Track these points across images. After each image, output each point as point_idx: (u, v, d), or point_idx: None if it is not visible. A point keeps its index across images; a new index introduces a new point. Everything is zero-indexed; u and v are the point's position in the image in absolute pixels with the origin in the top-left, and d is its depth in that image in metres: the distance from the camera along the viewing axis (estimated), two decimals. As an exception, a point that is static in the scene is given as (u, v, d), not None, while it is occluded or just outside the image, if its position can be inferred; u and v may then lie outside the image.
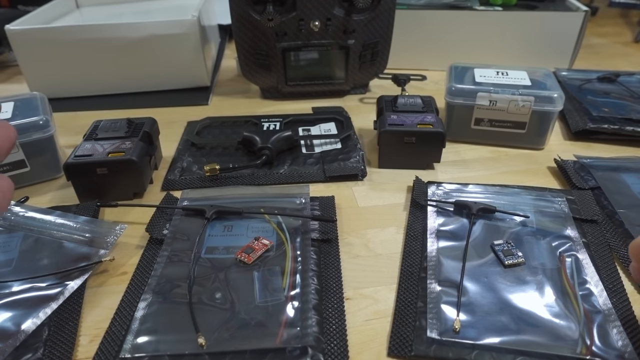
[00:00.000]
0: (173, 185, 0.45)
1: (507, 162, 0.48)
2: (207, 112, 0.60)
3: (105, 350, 0.28)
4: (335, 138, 0.51)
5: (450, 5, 0.70)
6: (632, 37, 0.91)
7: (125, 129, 0.44)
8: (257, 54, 0.59)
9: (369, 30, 0.58)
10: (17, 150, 0.42)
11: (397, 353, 0.28)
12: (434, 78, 0.70)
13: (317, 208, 0.40)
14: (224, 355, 0.27)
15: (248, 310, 0.30)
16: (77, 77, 0.63)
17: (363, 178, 0.45)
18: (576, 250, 0.34)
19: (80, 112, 0.61)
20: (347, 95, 0.65)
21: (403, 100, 0.49)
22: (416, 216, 0.39)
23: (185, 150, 0.50)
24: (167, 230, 0.37)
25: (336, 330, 0.29)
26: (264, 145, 0.47)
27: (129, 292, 0.32)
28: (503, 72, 0.50)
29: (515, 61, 0.69)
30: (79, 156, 0.40)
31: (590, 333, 0.28)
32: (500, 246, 0.34)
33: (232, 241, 0.36)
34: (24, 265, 0.34)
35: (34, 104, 0.45)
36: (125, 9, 0.80)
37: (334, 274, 0.34)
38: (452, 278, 0.32)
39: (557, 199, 0.40)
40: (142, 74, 0.64)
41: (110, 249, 0.35)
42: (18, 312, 0.30)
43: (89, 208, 0.40)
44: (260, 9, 0.55)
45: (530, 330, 0.28)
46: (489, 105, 0.48)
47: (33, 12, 0.67)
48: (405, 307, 0.31)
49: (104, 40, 0.60)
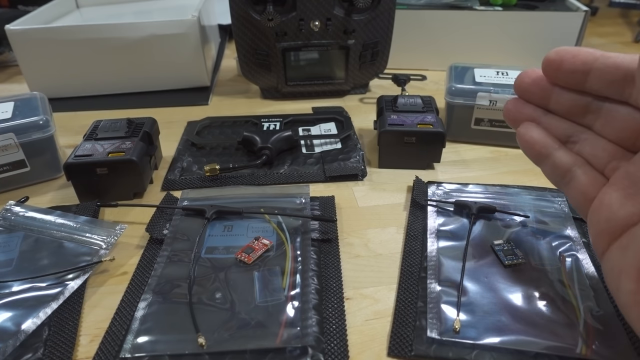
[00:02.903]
0: (173, 185, 0.45)
1: (507, 162, 0.48)
2: (207, 112, 0.60)
3: (105, 350, 0.28)
4: (335, 138, 0.51)
5: (450, 5, 0.70)
6: (632, 37, 0.91)
7: (125, 129, 0.44)
8: (257, 54, 0.59)
9: (369, 30, 0.58)
10: (17, 150, 0.42)
11: (397, 353, 0.28)
12: (434, 78, 0.70)
13: (317, 208, 0.40)
14: (224, 355, 0.27)
15: (248, 310, 0.30)
16: (77, 77, 0.63)
17: (363, 178, 0.45)
18: (576, 250, 0.34)
19: (80, 112, 0.61)
20: (347, 95, 0.65)
21: (403, 100, 0.49)
22: (416, 216, 0.39)
23: (185, 150, 0.50)
24: (167, 230, 0.37)
25: (336, 330, 0.29)
26: (264, 145, 0.47)
27: (129, 292, 0.32)
28: (503, 72, 0.50)
29: (515, 61, 0.69)
30: (79, 156, 0.40)
31: (590, 333, 0.28)
32: (500, 246, 0.34)
33: (232, 241, 0.36)
34: (24, 265, 0.34)
35: (34, 104, 0.45)
36: (125, 9, 0.80)
37: (334, 274, 0.34)
38: (452, 278, 0.32)
39: (557, 198, 0.40)
40: (142, 74, 0.64)
41: (110, 249, 0.35)
42: (18, 312, 0.30)
43: (89, 208, 0.40)
44: (260, 9, 0.55)
45: (530, 330, 0.28)
46: (489, 105, 0.48)
47: (33, 12, 0.67)
48: (405, 307, 0.31)
49: (104, 40, 0.60)
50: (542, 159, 0.29)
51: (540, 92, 0.28)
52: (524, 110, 0.29)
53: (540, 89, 0.28)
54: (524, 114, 0.29)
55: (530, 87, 0.28)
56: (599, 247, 0.25)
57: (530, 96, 0.29)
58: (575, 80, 0.26)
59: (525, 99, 0.29)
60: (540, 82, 0.28)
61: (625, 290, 0.23)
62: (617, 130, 0.25)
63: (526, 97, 0.29)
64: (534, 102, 0.29)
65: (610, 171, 0.26)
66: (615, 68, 0.24)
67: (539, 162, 0.29)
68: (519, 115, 0.30)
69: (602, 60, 0.24)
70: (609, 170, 0.26)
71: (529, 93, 0.29)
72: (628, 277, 0.23)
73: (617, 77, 0.24)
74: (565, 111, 0.28)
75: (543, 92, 0.28)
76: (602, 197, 0.25)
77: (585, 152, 0.27)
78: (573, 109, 0.27)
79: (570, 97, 0.27)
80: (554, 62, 0.26)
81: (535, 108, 0.29)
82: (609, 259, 0.25)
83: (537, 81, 0.28)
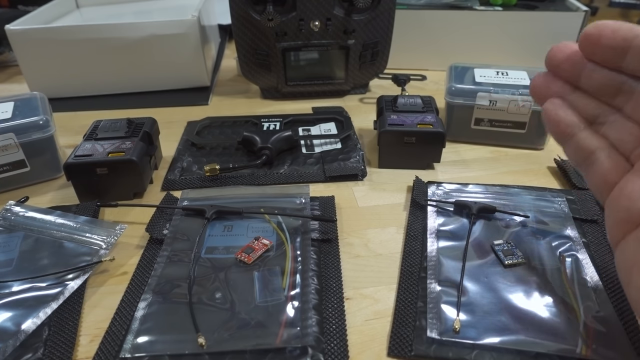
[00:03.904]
0: (173, 185, 0.45)
1: (507, 162, 0.48)
2: (207, 112, 0.60)
3: (105, 350, 0.28)
4: (335, 138, 0.51)
5: (450, 5, 0.70)
6: (632, 37, 0.91)
7: (125, 129, 0.44)
8: (257, 54, 0.59)
9: (369, 30, 0.58)
10: (17, 150, 0.42)
11: (397, 353, 0.28)
12: (434, 78, 0.70)
13: (317, 208, 0.40)
14: (224, 355, 0.27)
15: (248, 310, 0.30)
16: (77, 77, 0.63)
17: (363, 178, 0.45)
18: (576, 250, 0.34)
19: (80, 112, 0.61)
20: (347, 95, 0.65)
21: (403, 100, 0.49)
22: (416, 216, 0.39)
23: (185, 150, 0.50)
24: (167, 230, 0.37)
25: (336, 330, 0.29)
26: (264, 145, 0.47)
27: (129, 292, 0.32)
28: (503, 72, 0.50)
29: (515, 61, 0.69)
30: (79, 156, 0.40)
31: (590, 333, 0.28)
32: (500, 246, 0.34)
33: (232, 241, 0.36)
34: (24, 265, 0.34)
35: (34, 104, 0.45)
36: (125, 9, 0.80)
37: (334, 274, 0.34)
38: (452, 278, 0.32)
39: (557, 198, 0.40)
40: (142, 74, 0.64)
41: (110, 249, 0.35)
42: (18, 312, 0.30)
43: (89, 208, 0.40)
44: (260, 9, 0.55)
45: (530, 330, 0.28)
46: (489, 105, 0.48)
47: (33, 12, 0.67)
48: (405, 307, 0.31)
49: (104, 40, 0.60)
50: (566, 138, 0.27)
51: (572, 68, 0.26)
52: (552, 86, 0.27)
53: (573, 64, 0.26)
54: (551, 90, 0.27)
55: (563, 63, 0.26)
56: (614, 236, 0.25)
57: (561, 72, 0.27)
58: (613, 57, 0.24)
59: (555, 74, 0.27)
60: (574, 57, 0.26)
61: (637, 285, 0.22)
62: None
63: (557, 72, 0.27)
64: (564, 77, 0.27)
65: (636, 157, 0.24)
66: None
67: (562, 142, 0.28)
68: (547, 91, 0.28)
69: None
70: (635, 156, 0.25)
71: (560, 69, 0.27)
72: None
73: None
74: (595, 89, 0.26)
75: (575, 67, 0.26)
76: (623, 185, 0.24)
77: (611, 135, 0.26)
78: (605, 88, 0.25)
79: (603, 74, 0.25)
80: (592, 36, 0.24)
81: (564, 84, 0.27)
82: (623, 249, 0.24)
83: (571, 56, 0.26)
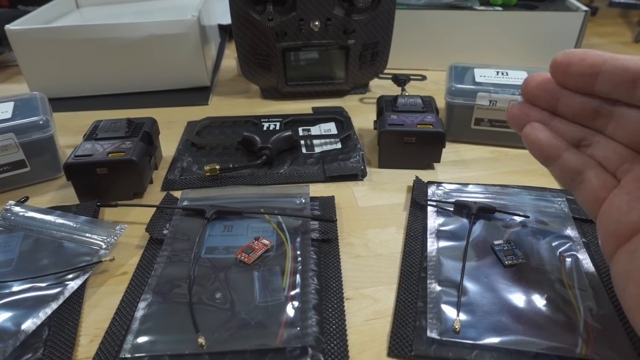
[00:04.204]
0: (173, 185, 0.45)
1: (507, 162, 0.48)
2: (207, 112, 0.60)
3: (105, 350, 0.28)
4: (335, 138, 0.51)
5: (450, 5, 0.70)
6: (632, 37, 0.91)
7: (125, 129, 0.44)
8: (257, 54, 0.59)
9: (369, 30, 0.58)
10: (17, 150, 0.42)
11: (397, 353, 0.28)
12: (434, 78, 0.70)
13: (317, 208, 0.40)
14: (224, 355, 0.27)
15: (248, 310, 0.30)
16: (77, 77, 0.63)
17: (363, 178, 0.45)
18: (576, 250, 0.34)
19: (80, 112, 0.61)
20: (347, 95, 0.65)
21: (403, 100, 0.49)
22: (416, 216, 0.39)
23: (185, 150, 0.50)
24: (167, 230, 0.37)
25: (336, 330, 0.29)
26: (264, 145, 0.47)
27: (129, 292, 0.32)
28: (503, 72, 0.50)
29: (515, 61, 0.69)
30: (79, 156, 0.40)
31: (590, 333, 0.28)
32: (500, 246, 0.34)
33: (232, 241, 0.36)
34: (24, 265, 0.34)
35: (34, 104, 0.45)
36: (125, 9, 0.80)
37: (334, 274, 0.34)
38: (452, 278, 0.32)
39: (557, 199, 0.40)
40: (142, 74, 0.64)
41: (110, 249, 0.35)
42: (18, 312, 0.30)
43: (89, 208, 0.40)
44: (260, 9, 0.55)
45: (530, 331, 0.28)
46: (489, 105, 0.48)
47: (33, 12, 0.67)
48: (405, 307, 0.31)
49: (104, 40, 0.60)
50: (550, 160, 0.28)
51: (548, 95, 0.27)
52: (530, 114, 0.28)
53: (548, 92, 0.27)
54: (530, 118, 0.28)
55: (537, 90, 0.28)
56: (608, 249, 0.25)
57: (537, 100, 0.28)
58: (584, 82, 0.25)
59: (532, 103, 0.29)
60: (547, 85, 0.27)
61: (631, 294, 0.23)
62: (629, 133, 0.25)
63: (533, 100, 0.28)
64: (541, 105, 0.28)
65: (622, 173, 0.25)
66: (624, 70, 0.23)
67: (547, 164, 0.28)
68: (526, 118, 0.29)
69: (611, 63, 0.24)
70: (621, 172, 0.25)
71: (535, 96, 0.28)
72: (634, 281, 0.22)
73: (625, 79, 0.23)
74: (574, 114, 0.27)
75: (550, 95, 0.27)
76: (612, 200, 0.25)
77: (597, 155, 0.27)
78: (583, 112, 0.27)
79: (579, 100, 0.26)
80: (561, 64, 0.26)
81: (542, 112, 0.28)
82: (616, 261, 0.24)
83: (543, 84, 0.27)
